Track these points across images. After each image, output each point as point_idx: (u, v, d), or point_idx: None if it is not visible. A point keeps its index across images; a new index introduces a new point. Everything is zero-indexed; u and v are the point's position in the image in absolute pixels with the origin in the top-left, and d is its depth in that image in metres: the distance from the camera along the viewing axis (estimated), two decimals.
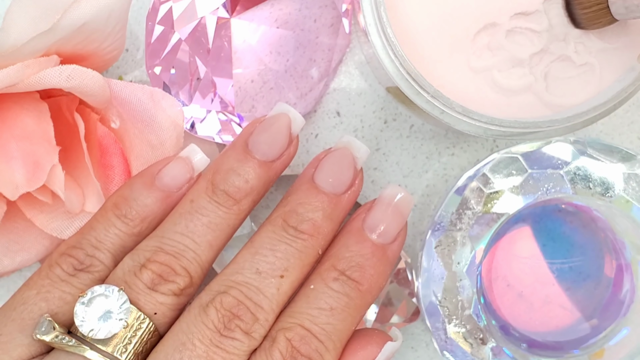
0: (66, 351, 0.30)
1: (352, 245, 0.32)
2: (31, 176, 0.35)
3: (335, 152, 0.34)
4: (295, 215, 0.32)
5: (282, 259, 0.32)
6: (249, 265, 0.32)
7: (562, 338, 0.39)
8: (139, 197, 0.34)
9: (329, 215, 0.33)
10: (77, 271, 0.32)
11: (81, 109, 0.37)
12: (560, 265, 0.39)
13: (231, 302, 0.31)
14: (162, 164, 0.35)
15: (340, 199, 0.33)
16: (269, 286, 0.31)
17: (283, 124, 0.34)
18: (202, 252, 0.32)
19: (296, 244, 0.32)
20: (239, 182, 0.33)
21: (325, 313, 0.31)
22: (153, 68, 0.39)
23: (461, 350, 0.37)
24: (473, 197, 0.37)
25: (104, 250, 0.33)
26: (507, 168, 0.37)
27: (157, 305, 0.31)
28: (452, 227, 0.37)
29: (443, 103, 0.35)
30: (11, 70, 0.33)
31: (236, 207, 0.33)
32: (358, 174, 0.34)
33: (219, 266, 0.40)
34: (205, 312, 0.30)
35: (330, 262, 0.32)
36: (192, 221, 0.32)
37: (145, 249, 0.32)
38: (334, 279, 0.32)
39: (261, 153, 0.33)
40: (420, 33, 0.37)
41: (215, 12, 0.39)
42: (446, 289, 0.37)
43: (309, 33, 0.40)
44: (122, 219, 0.33)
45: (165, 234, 0.32)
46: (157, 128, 0.37)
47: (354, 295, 0.32)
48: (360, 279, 0.32)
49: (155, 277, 0.31)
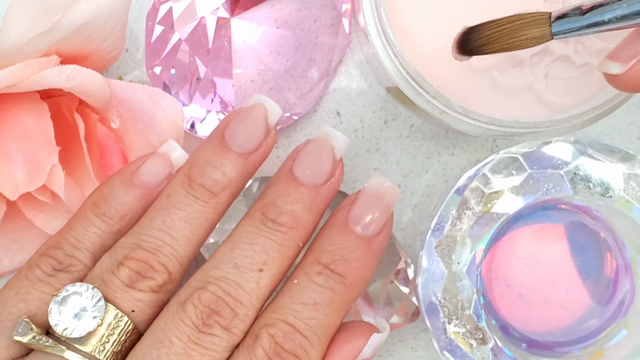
0: (44, 352, 0.30)
1: (335, 238, 0.32)
2: (31, 176, 0.35)
3: (313, 142, 0.33)
4: (274, 208, 0.32)
5: (261, 252, 0.31)
6: (227, 260, 0.31)
7: (562, 338, 0.39)
8: (117, 195, 0.33)
9: (309, 206, 0.32)
10: (56, 271, 0.32)
11: (81, 109, 0.37)
12: (560, 265, 0.39)
13: (209, 297, 0.30)
14: (140, 161, 0.34)
15: (320, 190, 0.33)
16: (247, 280, 0.31)
17: (259, 115, 0.33)
18: (180, 247, 0.32)
19: (275, 237, 0.31)
20: (216, 175, 0.32)
21: (309, 308, 0.31)
22: (153, 68, 0.39)
23: (461, 350, 0.37)
24: (473, 197, 0.37)
25: (83, 249, 0.32)
26: (507, 168, 0.37)
27: (135, 302, 0.31)
28: (452, 227, 0.37)
29: (443, 103, 0.35)
30: (11, 70, 0.33)
31: (214, 200, 0.32)
32: (337, 164, 0.33)
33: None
34: (183, 309, 0.30)
35: (313, 255, 0.32)
36: (169, 216, 0.32)
37: (122, 246, 0.32)
38: (317, 273, 0.31)
39: (238, 145, 0.33)
40: (420, 33, 0.37)
41: (215, 12, 0.39)
42: (446, 289, 0.37)
43: (309, 33, 0.40)
44: (101, 218, 0.33)
45: (143, 230, 0.32)
46: (157, 128, 0.37)
47: (339, 289, 0.31)
48: (345, 272, 0.31)
49: (132, 274, 0.31)
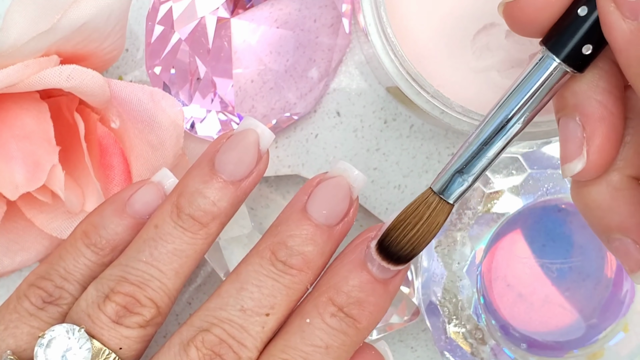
0: None
1: (352, 278, 0.30)
2: (31, 176, 0.35)
3: (331, 181, 0.32)
4: (285, 249, 0.31)
5: (269, 295, 0.30)
6: (234, 302, 0.30)
7: (562, 338, 0.39)
8: (109, 225, 0.33)
9: (321, 249, 0.31)
10: (46, 304, 0.31)
11: (81, 109, 0.37)
12: (560, 265, 0.39)
13: (213, 340, 0.29)
14: (133, 189, 0.34)
15: (333, 231, 0.31)
16: (253, 324, 0.30)
17: (250, 141, 0.32)
18: (168, 280, 0.31)
19: (284, 280, 0.30)
20: (206, 205, 0.31)
21: (320, 351, 0.30)
22: (153, 68, 0.39)
23: (461, 350, 0.37)
24: (473, 197, 0.37)
25: (72, 281, 0.32)
26: (507, 168, 0.37)
27: (122, 339, 0.30)
28: (452, 227, 0.37)
29: (443, 103, 0.35)
30: (11, 70, 0.33)
31: (203, 231, 0.31)
32: (353, 203, 0.32)
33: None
34: (186, 352, 0.29)
35: (328, 295, 0.30)
36: (157, 249, 0.31)
37: (109, 278, 0.31)
38: (331, 314, 0.30)
39: (228, 173, 0.31)
40: (420, 33, 0.37)
41: (215, 12, 0.39)
42: (446, 289, 0.37)
43: (309, 33, 0.40)
44: (92, 249, 0.32)
45: (130, 263, 0.31)
46: (157, 128, 0.37)
47: (352, 332, 0.30)
48: (359, 316, 0.30)
49: (119, 309, 0.30)
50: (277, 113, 0.40)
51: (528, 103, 0.27)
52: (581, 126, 0.27)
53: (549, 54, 0.27)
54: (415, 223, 0.29)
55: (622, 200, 0.28)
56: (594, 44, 0.26)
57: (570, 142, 0.28)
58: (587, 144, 0.27)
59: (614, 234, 0.28)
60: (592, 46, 0.26)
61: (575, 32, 0.26)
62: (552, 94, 0.27)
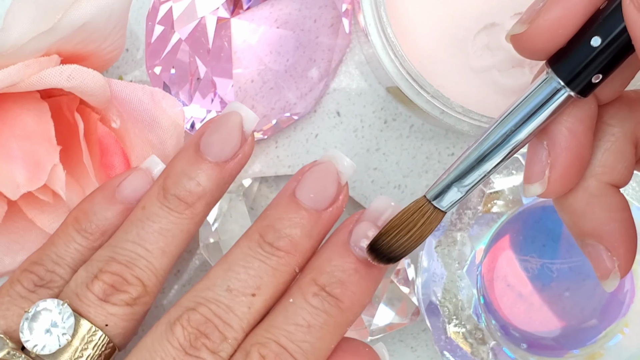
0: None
1: (334, 259, 0.31)
2: (32, 176, 0.35)
3: (319, 166, 0.32)
4: (273, 231, 0.31)
5: (255, 276, 0.31)
6: (221, 282, 0.31)
7: (562, 338, 0.39)
8: (99, 211, 0.33)
9: (308, 232, 0.31)
10: (37, 287, 0.32)
11: (81, 108, 0.37)
12: (560, 265, 0.39)
13: (199, 319, 0.30)
14: (122, 177, 0.34)
15: (322, 216, 0.32)
16: (240, 305, 0.30)
17: (234, 123, 0.33)
18: (154, 259, 0.32)
19: (271, 262, 0.31)
20: (191, 186, 0.32)
21: (302, 330, 0.30)
22: (153, 68, 0.39)
23: (461, 350, 0.37)
24: (473, 197, 0.37)
25: (64, 265, 0.33)
26: (507, 168, 0.37)
27: (108, 316, 0.31)
28: (452, 227, 0.37)
29: (443, 103, 0.35)
30: (12, 70, 0.33)
31: (189, 211, 0.32)
32: (342, 189, 0.32)
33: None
34: (172, 330, 0.30)
35: (311, 275, 0.31)
36: (144, 228, 0.32)
37: (98, 260, 0.32)
38: (313, 294, 0.30)
39: (213, 154, 0.32)
40: (420, 33, 0.37)
41: (215, 12, 0.39)
42: (446, 289, 0.37)
43: (309, 33, 0.40)
44: (82, 233, 0.33)
45: (118, 243, 0.32)
46: (158, 128, 0.37)
47: (334, 312, 0.30)
48: (341, 295, 0.30)
49: (106, 287, 0.31)
50: (277, 113, 0.40)
51: (529, 122, 0.27)
52: (547, 151, 0.28)
53: (554, 77, 0.27)
54: (409, 230, 0.30)
55: (598, 206, 0.28)
56: (604, 73, 0.26)
57: (535, 164, 0.28)
58: (550, 170, 0.28)
59: (587, 239, 0.29)
60: (602, 75, 0.26)
61: (587, 62, 0.26)
62: (554, 116, 0.27)
